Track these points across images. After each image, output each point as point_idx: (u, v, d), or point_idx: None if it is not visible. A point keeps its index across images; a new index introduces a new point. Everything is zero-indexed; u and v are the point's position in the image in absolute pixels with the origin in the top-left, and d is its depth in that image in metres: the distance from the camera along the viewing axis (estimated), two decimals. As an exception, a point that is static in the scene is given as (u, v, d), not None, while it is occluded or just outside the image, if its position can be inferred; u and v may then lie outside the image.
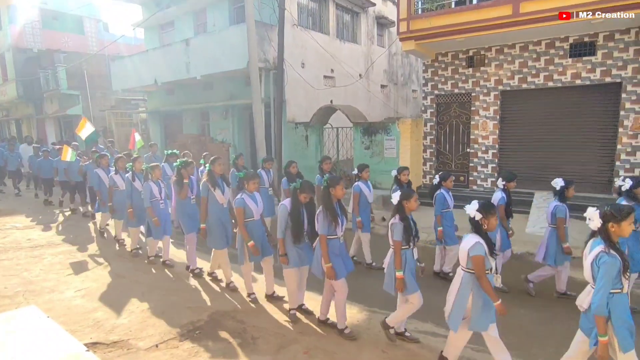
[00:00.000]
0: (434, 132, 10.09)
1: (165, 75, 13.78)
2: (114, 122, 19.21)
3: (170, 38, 15.71)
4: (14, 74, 21.57)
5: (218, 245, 5.21)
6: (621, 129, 7.85)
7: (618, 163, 7.96)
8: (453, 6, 8.64)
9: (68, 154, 9.24)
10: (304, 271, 4.39)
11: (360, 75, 15.10)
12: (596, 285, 2.70)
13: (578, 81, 8.15)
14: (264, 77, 11.56)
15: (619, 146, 7.91)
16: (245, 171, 4.90)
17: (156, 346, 3.93)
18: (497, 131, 9.22)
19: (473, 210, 3.18)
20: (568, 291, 4.85)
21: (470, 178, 9.71)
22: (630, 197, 4.40)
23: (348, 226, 4.18)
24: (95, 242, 7.63)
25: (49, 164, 10.65)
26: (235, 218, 4.92)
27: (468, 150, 9.68)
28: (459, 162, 9.89)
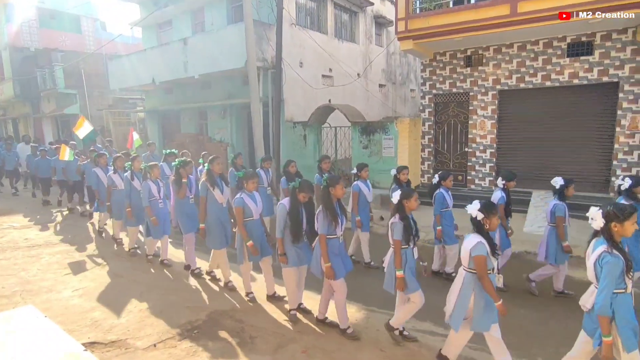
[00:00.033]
0: (432, 132, 10.11)
1: (163, 74, 13.75)
2: (112, 122, 19.15)
3: (168, 37, 15.68)
4: (11, 73, 21.50)
5: (217, 245, 5.20)
6: (618, 129, 7.89)
7: (615, 162, 7.99)
8: (451, 6, 8.64)
9: (66, 154, 9.20)
10: (303, 270, 4.39)
11: (358, 74, 15.10)
12: (599, 285, 2.69)
13: (575, 81, 8.18)
14: (262, 77, 11.56)
15: (616, 145, 7.95)
16: (244, 171, 4.89)
17: (154, 346, 3.92)
18: (495, 130, 9.25)
19: (475, 210, 3.16)
20: (566, 290, 4.87)
21: (468, 177, 9.73)
22: (629, 196, 4.40)
23: (347, 225, 4.17)
24: (93, 242, 7.61)
25: (47, 164, 10.60)
26: (234, 217, 4.91)
27: (466, 149, 9.70)
28: (457, 162, 9.91)
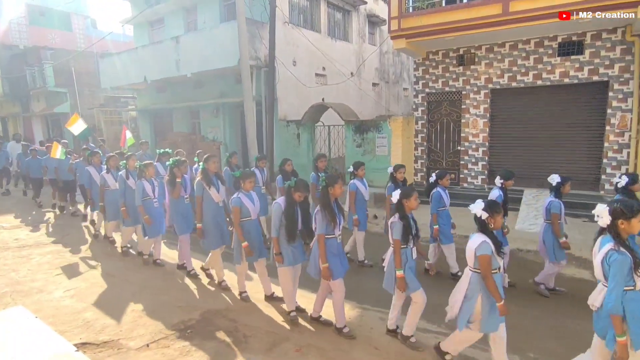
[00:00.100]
0: (425, 130, 10.15)
1: (155, 72, 13.63)
2: (103, 120, 18.95)
3: (160, 35, 15.54)
4: (0, 71, 21.19)
5: (212, 245, 5.15)
6: (608, 127, 7.99)
7: (605, 160, 8.09)
8: (443, 5, 8.68)
9: (58, 151, 9.07)
10: (297, 269, 4.39)
11: (351, 73, 15.10)
12: (609, 284, 2.67)
13: (566, 80, 8.26)
14: (255, 75, 11.51)
15: (606, 144, 8.05)
16: (241, 170, 4.86)
17: (147, 346, 3.89)
18: (487, 129, 9.31)
19: (479, 209, 3.15)
20: (557, 287, 4.93)
21: (460, 176, 9.79)
22: (626, 194, 4.41)
23: (343, 224, 4.17)
24: (84, 242, 7.52)
25: (38, 163, 10.44)
26: (230, 217, 4.88)
27: (459, 148, 9.76)
28: (450, 160, 9.97)
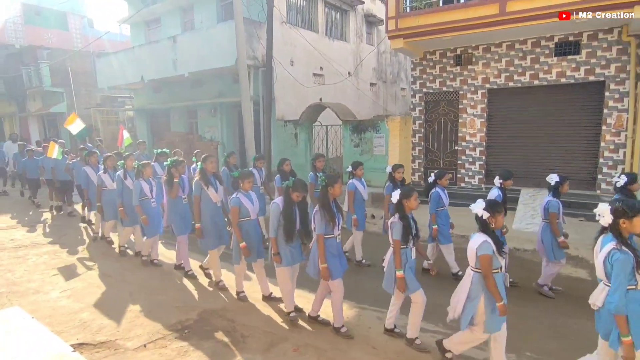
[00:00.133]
0: (423, 130, 10.16)
1: (152, 72, 13.60)
2: (100, 120, 18.90)
3: (156, 35, 15.50)
4: (-5, 71, 21.11)
5: (210, 245, 5.13)
6: (604, 127, 8.02)
7: (601, 160, 8.12)
8: (441, 5, 8.71)
9: (54, 151, 9.03)
10: (296, 269, 4.38)
11: (349, 73, 15.11)
12: (612, 284, 2.66)
13: (563, 80, 8.29)
14: (253, 75, 11.51)
15: (602, 144, 8.08)
16: (239, 170, 4.84)
17: (144, 346, 3.88)
18: (485, 129, 9.34)
19: (480, 209, 3.14)
20: (554, 286, 4.94)
21: (458, 175, 9.81)
22: (624, 194, 4.41)
23: (342, 224, 4.17)
24: (81, 242, 7.49)
25: (35, 164, 10.36)
26: (228, 217, 4.86)
27: (456, 147, 9.78)
28: (447, 160, 9.99)
